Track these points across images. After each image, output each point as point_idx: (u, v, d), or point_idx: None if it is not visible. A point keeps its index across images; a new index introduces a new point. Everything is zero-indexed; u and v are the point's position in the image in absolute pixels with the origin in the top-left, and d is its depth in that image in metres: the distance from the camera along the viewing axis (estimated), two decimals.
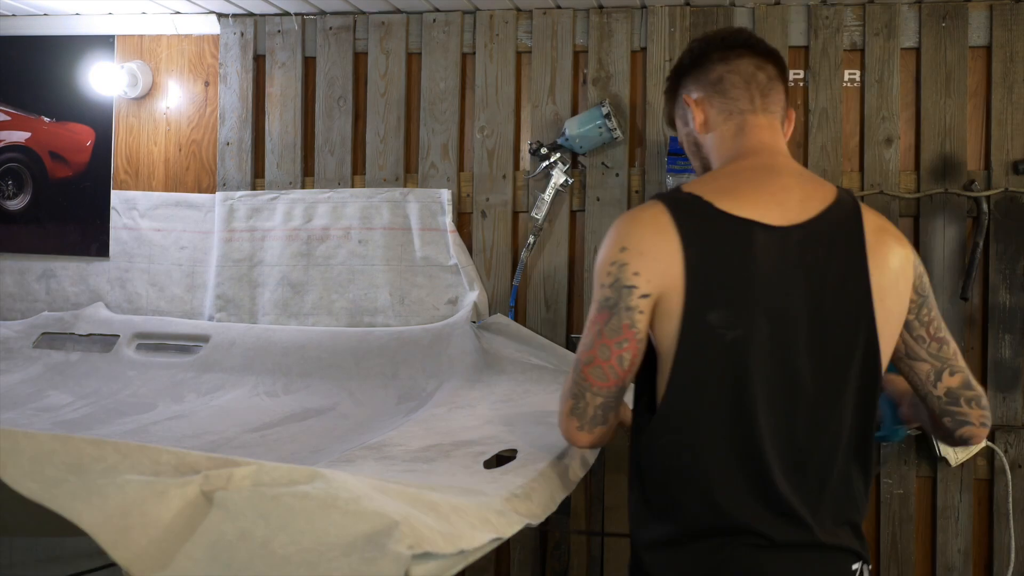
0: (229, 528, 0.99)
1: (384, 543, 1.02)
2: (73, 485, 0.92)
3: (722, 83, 1.95)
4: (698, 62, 1.99)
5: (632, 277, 1.73)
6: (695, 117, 1.97)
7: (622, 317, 1.73)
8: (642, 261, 1.73)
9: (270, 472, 1.09)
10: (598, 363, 1.77)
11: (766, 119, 1.94)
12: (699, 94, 1.97)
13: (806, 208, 1.78)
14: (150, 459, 1.04)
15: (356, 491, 1.10)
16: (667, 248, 1.72)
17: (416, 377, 3.16)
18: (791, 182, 1.83)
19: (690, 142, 2.04)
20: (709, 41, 2.01)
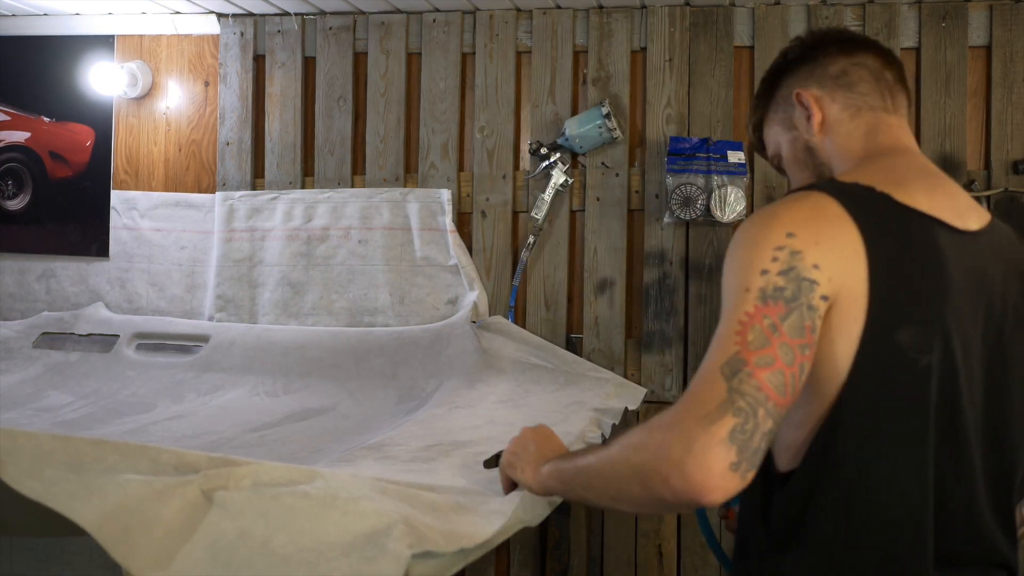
0: (229, 527, 1.00)
1: (384, 543, 1.02)
2: (73, 484, 0.92)
3: (847, 76, 1.66)
4: (811, 55, 1.71)
5: (812, 270, 1.31)
6: (813, 115, 1.66)
7: (804, 315, 1.29)
8: (820, 253, 1.32)
9: (270, 472, 1.09)
10: (780, 367, 1.26)
11: (898, 120, 1.66)
12: (816, 89, 1.67)
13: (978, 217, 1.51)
14: (150, 459, 1.04)
15: (356, 491, 1.10)
16: (846, 243, 1.35)
17: (416, 377, 3.16)
18: (955, 187, 1.55)
19: (798, 148, 1.71)
20: (823, 35, 1.75)
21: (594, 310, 3.33)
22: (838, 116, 1.64)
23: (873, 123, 1.63)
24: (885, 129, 1.63)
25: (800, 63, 1.71)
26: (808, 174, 1.69)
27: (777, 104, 1.75)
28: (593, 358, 3.29)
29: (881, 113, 1.64)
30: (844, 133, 1.64)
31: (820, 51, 1.69)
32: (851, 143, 1.63)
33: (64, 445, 0.98)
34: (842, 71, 1.66)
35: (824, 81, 1.66)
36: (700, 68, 3.30)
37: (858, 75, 1.65)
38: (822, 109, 1.65)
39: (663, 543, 3.28)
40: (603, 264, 3.33)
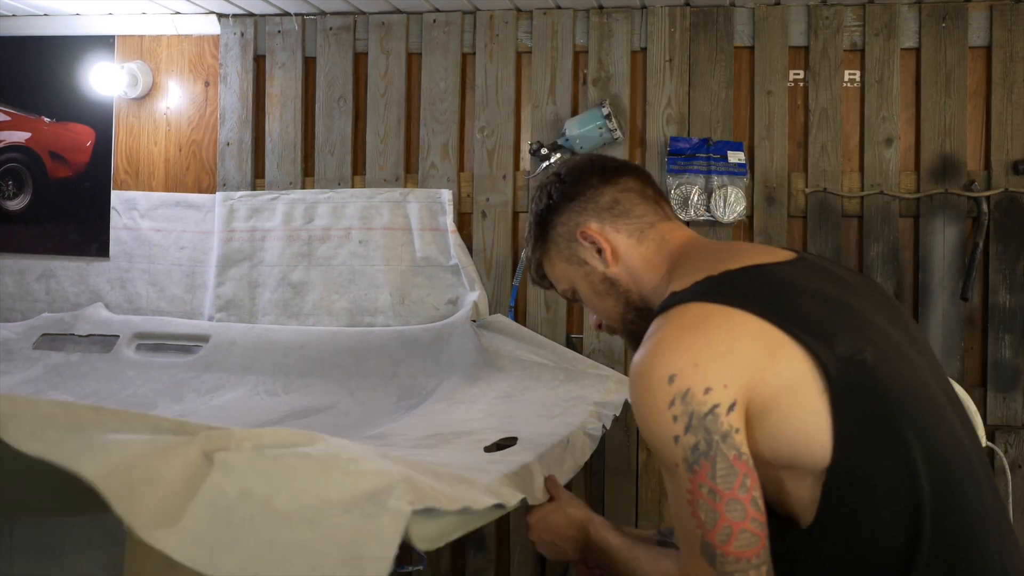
0: (230, 487, 0.99)
1: (385, 500, 1.02)
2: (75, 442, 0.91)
3: (620, 204, 1.73)
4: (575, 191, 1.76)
5: (704, 397, 1.37)
6: (604, 249, 1.71)
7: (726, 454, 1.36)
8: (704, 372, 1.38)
9: (271, 435, 1.09)
10: (740, 528, 1.35)
11: (675, 224, 1.76)
12: (596, 224, 1.73)
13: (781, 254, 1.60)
14: (150, 426, 1.04)
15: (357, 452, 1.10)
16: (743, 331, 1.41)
17: (416, 376, 3.16)
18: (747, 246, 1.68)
19: (596, 281, 1.75)
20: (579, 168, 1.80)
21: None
22: (626, 244, 1.71)
23: (659, 237, 1.71)
24: (670, 237, 1.71)
25: (567, 200, 1.75)
26: (612, 302, 1.76)
27: (555, 243, 1.78)
28: (593, 358, 3.28)
29: (661, 225, 1.73)
30: (639, 256, 1.70)
31: (583, 185, 1.75)
32: (649, 262, 1.70)
33: (64, 410, 0.97)
34: (614, 201, 1.72)
35: (600, 214, 1.72)
36: (700, 68, 3.30)
37: (629, 200, 1.73)
38: (609, 241, 1.71)
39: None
40: None
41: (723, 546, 1.34)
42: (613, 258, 1.71)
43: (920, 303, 3.16)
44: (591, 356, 3.29)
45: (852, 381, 1.39)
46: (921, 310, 3.16)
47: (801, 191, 3.23)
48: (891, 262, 3.17)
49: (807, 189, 3.22)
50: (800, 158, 3.25)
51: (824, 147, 3.22)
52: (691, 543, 1.38)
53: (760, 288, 1.48)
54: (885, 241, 3.18)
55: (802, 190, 3.23)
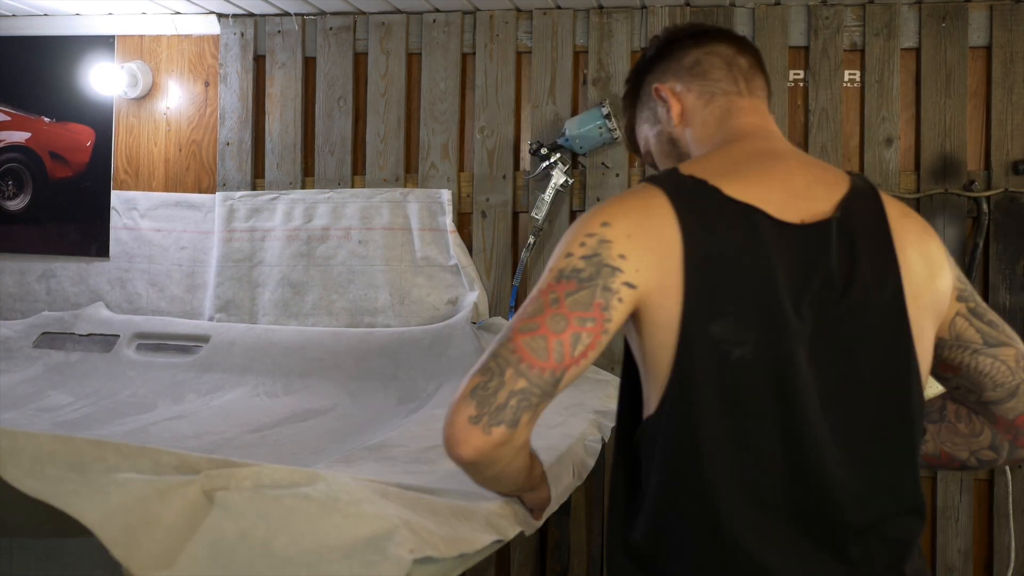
0: (230, 528, 0.99)
1: (385, 547, 1.02)
2: (75, 483, 0.92)
3: (700, 65, 1.68)
4: (667, 51, 1.72)
5: (617, 259, 1.37)
6: (672, 107, 1.68)
7: (596, 294, 1.35)
8: (630, 245, 1.39)
9: (271, 474, 1.09)
10: (543, 333, 1.32)
11: (752, 102, 1.68)
12: (673, 83, 1.69)
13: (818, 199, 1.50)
14: (151, 460, 1.04)
15: (357, 494, 1.10)
16: (663, 238, 1.40)
17: (416, 378, 3.16)
18: (795, 166, 1.55)
19: (662, 141, 1.73)
20: (677, 29, 1.76)
21: None
22: (694, 104, 1.67)
23: (726, 107, 1.65)
24: (737, 112, 1.65)
25: (658, 60, 1.73)
26: (673, 163, 1.67)
27: (642, 103, 1.78)
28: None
29: (734, 97, 1.66)
30: (700, 121, 1.66)
31: (675, 45, 1.71)
32: (707, 129, 1.66)
33: (65, 446, 0.98)
34: (695, 61, 1.67)
35: (680, 73, 1.68)
36: None
37: (710, 63, 1.67)
38: (680, 100, 1.67)
39: None
40: None
41: (519, 333, 1.33)
42: (680, 118, 1.69)
43: None
44: None
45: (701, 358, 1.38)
46: None
47: None
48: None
49: None
50: None
51: (824, 147, 3.22)
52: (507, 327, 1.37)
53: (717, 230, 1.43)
54: None
55: None
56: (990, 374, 1.61)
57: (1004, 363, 1.61)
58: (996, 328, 1.62)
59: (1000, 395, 1.63)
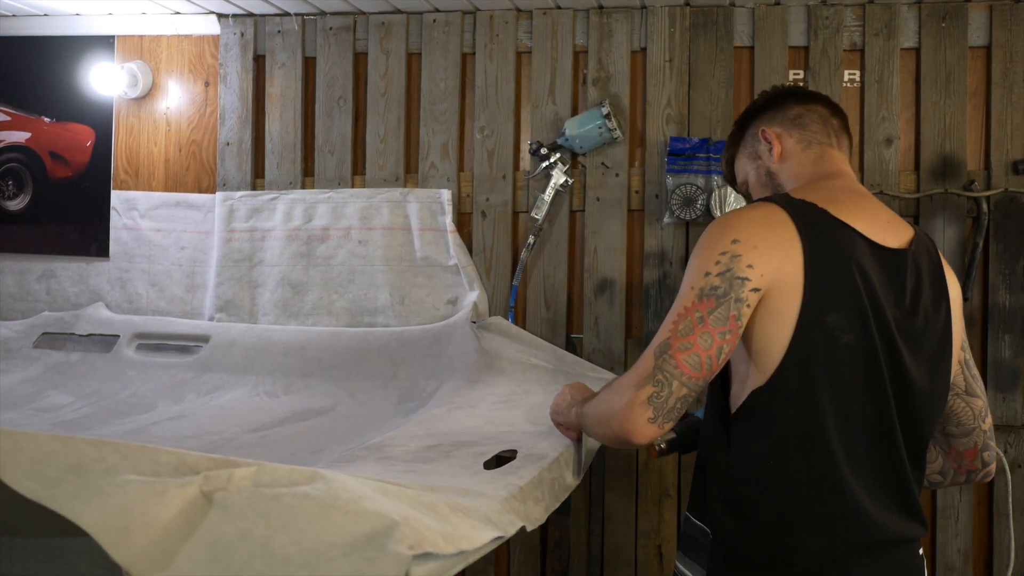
0: (229, 528, 0.99)
1: (384, 543, 1.02)
2: (73, 485, 0.92)
3: (801, 119, 2.06)
4: (773, 103, 2.11)
5: (746, 269, 1.70)
6: (773, 147, 2.06)
7: (731, 307, 1.69)
8: (756, 255, 1.71)
9: (270, 473, 1.09)
10: (697, 351, 1.69)
11: (840, 154, 2.05)
12: (777, 128, 2.07)
13: (896, 233, 1.87)
14: (150, 459, 1.04)
15: (356, 492, 1.10)
16: (785, 244, 1.73)
17: (416, 377, 3.16)
18: (878, 204, 1.91)
19: (761, 173, 2.10)
20: (785, 89, 2.15)
21: (594, 310, 3.33)
22: (793, 148, 2.05)
23: (820, 154, 2.03)
24: (828, 159, 2.02)
25: (764, 110, 2.12)
26: (768, 194, 2.06)
27: (746, 141, 2.16)
28: (593, 358, 3.29)
29: (827, 147, 2.04)
30: (797, 161, 2.04)
31: (781, 100, 2.11)
32: (802, 169, 2.02)
33: (64, 446, 0.97)
34: (798, 114, 2.07)
35: (784, 122, 2.07)
36: (700, 68, 3.30)
37: (810, 118, 2.06)
38: (781, 143, 2.06)
39: (663, 543, 3.28)
40: (603, 264, 3.33)
41: (676, 352, 1.70)
42: (779, 157, 2.06)
43: None
44: (591, 356, 3.30)
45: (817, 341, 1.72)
46: None
47: None
48: None
49: None
50: None
51: None
52: (655, 343, 1.74)
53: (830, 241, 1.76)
54: None
55: None
56: (959, 415, 2.05)
57: (972, 410, 2.05)
58: (976, 381, 2.06)
59: (958, 432, 2.06)
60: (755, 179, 2.12)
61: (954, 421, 2.05)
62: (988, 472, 2.10)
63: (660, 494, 3.28)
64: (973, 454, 2.06)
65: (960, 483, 2.15)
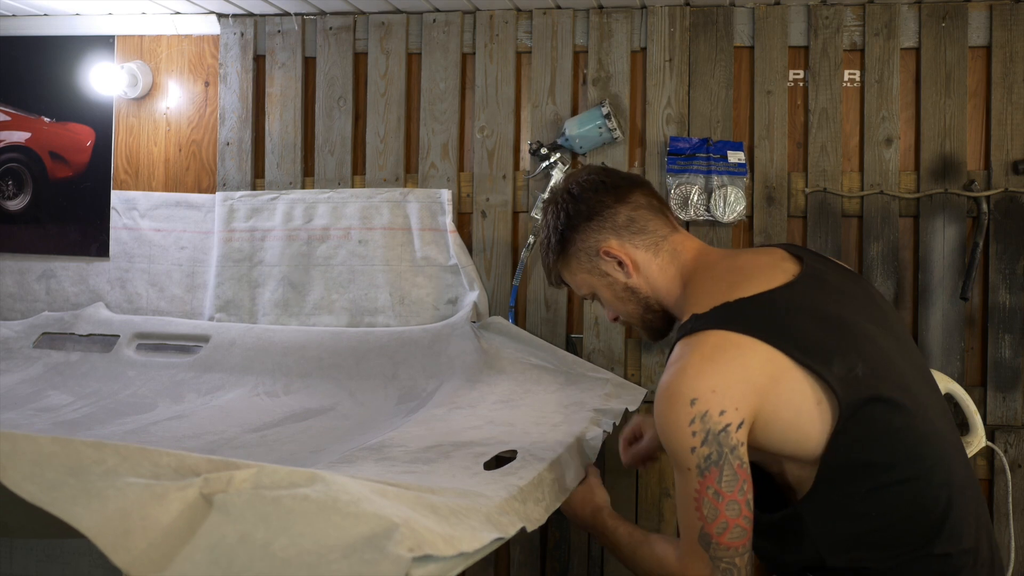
0: (229, 531, 1.00)
1: (384, 545, 1.02)
2: (73, 488, 0.92)
3: (635, 223, 2.01)
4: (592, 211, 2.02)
5: (719, 418, 1.67)
6: (626, 263, 2.00)
7: (731, 462, 1.67)
8: (720, 399, 1.67)
9: (270, 475, 1.09)
10: (734, 523, 1.67)
11: (683, 235, 2.06)
12: (616, 241, 2.01)
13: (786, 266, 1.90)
14: (150, 461, 1.04)
15: (356, 494, 1.10)
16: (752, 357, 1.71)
17: (416, 377, 3.16)
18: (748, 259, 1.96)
19: (618, 289, 2.05)
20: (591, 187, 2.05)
21: (594, 310, 3.33)
22: (644, 257, 2.00)
23: (671, 248, 2.01)
24: (681, 248, 2.01)
25: (584, 220, 2.03)
26: (633, 306, 2.06)
27: (576, 257, 2.07)
28: (593, 358, 3.29)
29: (672, 237, 2.02)
30: (656, 268, 2.00)
31: (598, 205, 2.02)
32: (665, 274, 2.00)
33: (64, 448, 0.97)
34: (629, 219, 2.01)
35: (619, 232, 2.00)
36: (700, 68, 3.30)
37: (642, 217, 2.01)
38: (629, 256, 2.00)
39: None
40: None
41: (719, 536, 1.67)
42: (634, 270, 2.00)
43: (920, 303, 3.16)
44: (591, 356, 3.30)
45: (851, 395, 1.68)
46: (921, 310, 3.16)
47: (801, 191, 3.23)
48: (891, 262, 3.17)
49: (807, 189, 3.22)
50: (800, 158, 3.25)
51: (824, 147, 3.22)
52: (691, 532, 1.70)
53: (769, 316, 1.75)
54: (885, 241, 3.18)
55: (802, 190, 3.23)
56: None
57: None
58: None
59: None
60: (610, 294, 2.07)
61: None
62: None
63: (660, 494, 3.28)
64: None
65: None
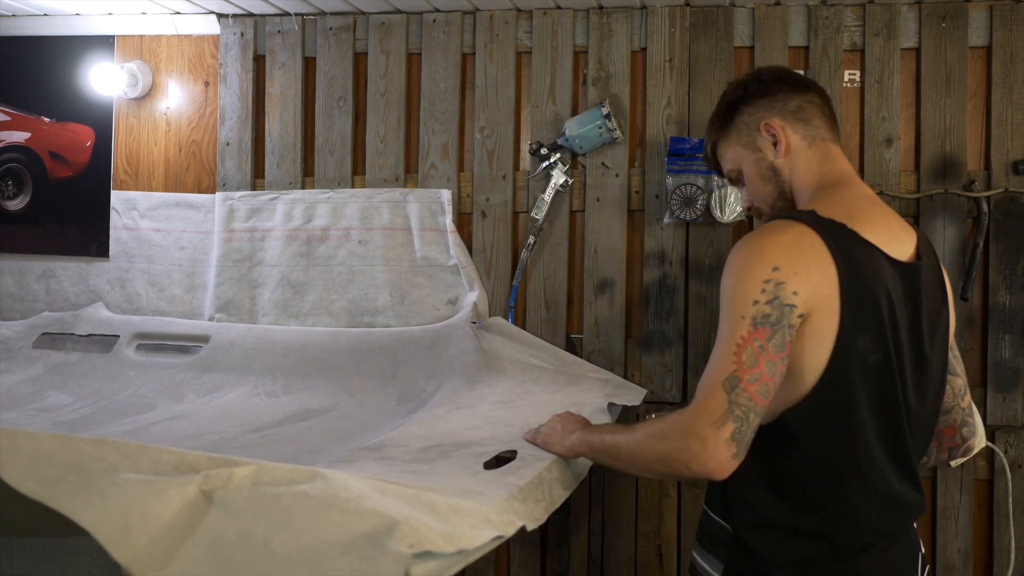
0: (229, 527, 0.99)
1: (384, 542, 1.02)
2: (73, 484, 0.92)
3: (803, 112, 2.06)
4: (767, 92, 2.09)
5: (792, 296, 1.73)
6: (779, 142, 2.05)
7: (785, 334, 1.73)
8: (798, 281, 1.74)
9: (270, 472, 1.09)
10: (765, 380, 1.72)
11: (839, 149, 2.09)
12: (780, 120, 2.06)
13: (907, 242, 1.94)
14: (150, 459, 1.04)
15: (356, 491, 1.10)
16: (821, 269, 1.77)
17: (416, 377, 3.16)
18: (887, 213, 1.99)
19: (763, 167, 2.09)
20: (772, 73, 2.14)
21: (594, 310, 3.33)
22: (799, 144, 2.05)
23: (824, 152, 2.05)
24: (833, 158, 2.05)
25: (757, 97, 2.10)
26: (771, 188, 2.10)
27: (739, 129, 2.14)
28: (593, 358, 3.29)
29: (830, 143, 2.07)
30: (804, 159, 2.04)
31: (776, 88, 2.09)
32: (809, 168, 2.04)
33: (64, 445, 0.97)
34: (799, 107, 2.06)
35: (785, 114, 2.06)
36: (700, 68, 3.30)
37: (811, 111, 2.06)
38: (786, 137, 2.05)
39: (663, 543, 3.28)
40: (603, 264, 3.33)
41: (748, 384, 1.70)
42: (785, 152, 2.05)
43: None
44: (591, 356, 3.29)
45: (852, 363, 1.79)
46: None
47: None
48: None
49: None
50: None
51: None
52: (718, 375, 1.73)
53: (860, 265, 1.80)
54: None
55: None
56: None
57: (952, 389, 2.13)
58: (958, 361, 2.15)
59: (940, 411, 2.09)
60: (754, 171, 2.11)
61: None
62: (968, 447, 2.17)
63: (660, 494, 3.28)
64: (952, 431, 2.15)
65: (944, 461, 2.24)
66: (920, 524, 3.15)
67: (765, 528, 1.89)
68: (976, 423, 2.20)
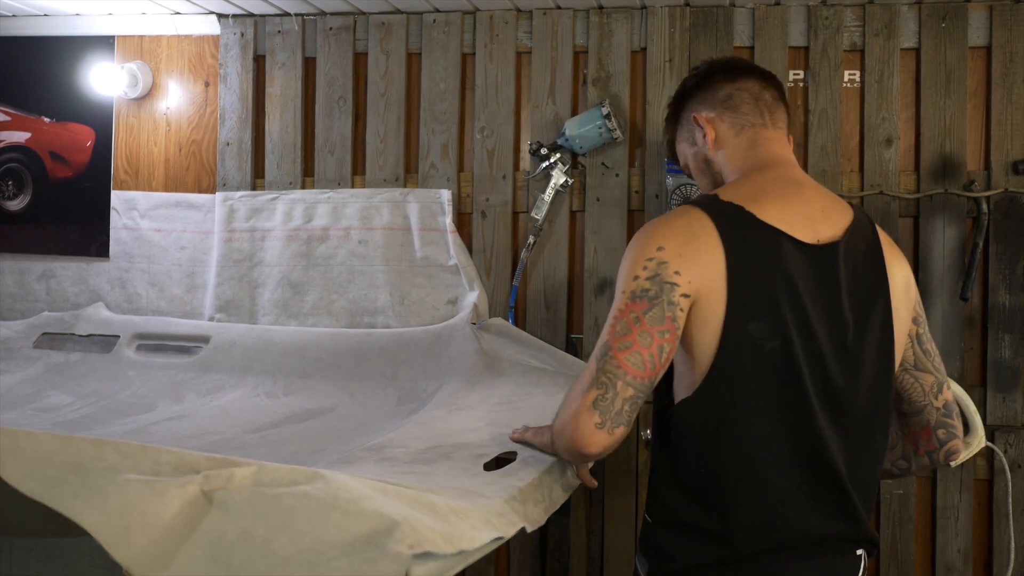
0: (229, 528, 1.00)
1: (384, 543, 1.02)
2: (73, 485, 0.92)
3: (731, 100, 2.05)
4: (703, 84, 2.10)
5: (674, 275, 1.73)
6: (707, 134, 2.05)
7: (665, 309, 1.72)
8: (681, 262, 1.74)
9: (270, 472, 1.09)
10: (637, 349, 1.70)
11: (775, 133, 2.05)
12: (709, 112, 2.06)
13: (830, 223, 1.88)
14: (150, 459, 1.04)
15: (356, 491, 1.10)
16: (708, 253, 1.75)
17: (416, 378, 3.16)
18: (812, 194, 1.92)
19: (699, 160, 2.10)
20: (711, 65, 2.14)
21: (594, 310, 3.33)
22: (726, 133, 2.04)
23: (752, 138, 2.02)
24: (762, 143, 2.02)
25: (695, 90, 2.12)
26: (707, 180, 2.11)
27: (682, 125, 2.16)
28: None
29: (760, 129, 2.03)
30: (731, 147, 2.04)
31: (710, 79, 2.10)
32: (736, 155, 2.02)
33: (64, 445, 0.98)
34: (728, 95, 2.06)
35: (715, 104, 2.06)
36: None
37: (740, 98, 2.05)
38: (714, 128, 2.05)
39: None
40: (603, 264, 3.33)
41: (618, 352, 1.71)
42: (713, 143, 2.05)
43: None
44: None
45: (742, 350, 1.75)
46: None
47: None
48: None
49: None
50: (800, 158, 3.24)
51: (824, 147, 3.22)
52: (597, 347, 1.76)
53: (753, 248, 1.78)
54: None
55: None
56: (908, 391, 2.04)
57: (921, 386, 2.03)
58: (928, 356, 2.04)
59: (910, 411, 2.06)
60: (694, 165, 2.14)
61: (904, 399, 2.05)
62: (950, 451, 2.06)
63: None
64: (927, 433, 2.05)
65: (926, 466, 2.12)
66: (920, 524, 3.16)
67: (674, 527, 1.86)
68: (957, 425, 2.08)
